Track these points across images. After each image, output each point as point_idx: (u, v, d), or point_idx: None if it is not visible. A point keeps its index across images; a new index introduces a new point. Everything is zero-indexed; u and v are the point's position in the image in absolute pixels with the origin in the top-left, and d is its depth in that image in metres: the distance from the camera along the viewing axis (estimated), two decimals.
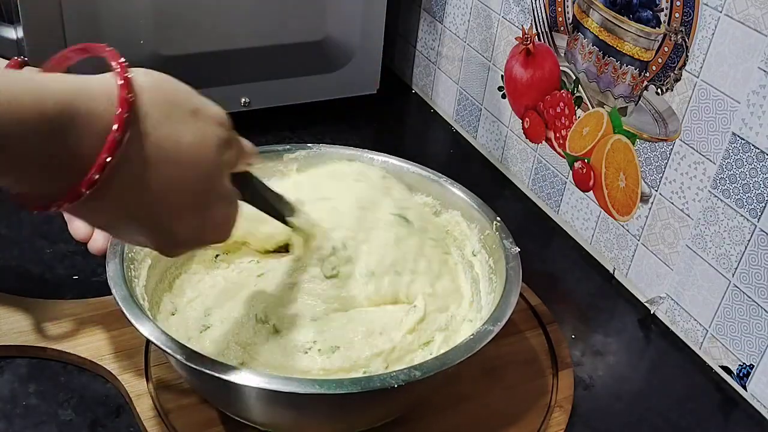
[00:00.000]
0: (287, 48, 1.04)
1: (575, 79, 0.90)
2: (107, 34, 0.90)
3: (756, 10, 0.68)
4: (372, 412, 0.62)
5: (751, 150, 0.70)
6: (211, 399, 0.65)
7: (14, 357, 0.70)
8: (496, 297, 0.66)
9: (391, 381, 0.56)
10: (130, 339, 0.70)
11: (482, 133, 1.10)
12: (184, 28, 0.96)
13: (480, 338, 0.60)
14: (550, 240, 0.96)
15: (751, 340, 0.74)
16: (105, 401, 0.68)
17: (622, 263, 0.88)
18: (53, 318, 0.72)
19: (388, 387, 0.55)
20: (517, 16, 0.97)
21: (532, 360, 0.75)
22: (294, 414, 0.60)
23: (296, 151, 0.79)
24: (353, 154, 0.80)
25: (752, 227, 0.72)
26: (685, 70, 0.76)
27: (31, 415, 0.65)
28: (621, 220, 0.87)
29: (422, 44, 1.20)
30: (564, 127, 0.93)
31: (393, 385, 0.55)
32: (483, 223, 0.74)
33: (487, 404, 0.70)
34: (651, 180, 0.82)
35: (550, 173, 0.97)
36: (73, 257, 0.82)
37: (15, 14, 0.87)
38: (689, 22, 0.74)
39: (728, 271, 0.75)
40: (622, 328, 0.84)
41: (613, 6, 0.82)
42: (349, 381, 0.56)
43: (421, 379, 0.56)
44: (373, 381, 0.56)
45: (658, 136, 0.80)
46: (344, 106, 1.12)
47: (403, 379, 0.56)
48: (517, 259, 0.68)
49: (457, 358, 0.58)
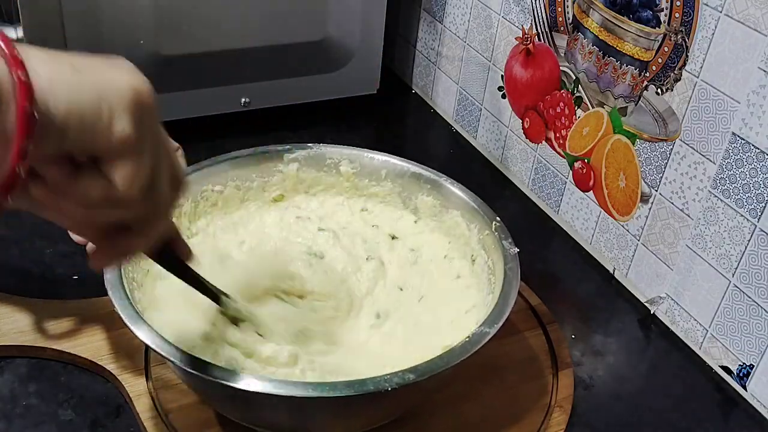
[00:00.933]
0: (287, 48, 1.04)
1: (575, 79, 0.90)
2: (107, 34, 0.91)
3: (756, 10, 0.68)
4: (367, 414, 0.62)
5: (751, 150, 0.70)
6: (208, 401, 0.65)
7: (14, 357, 0.70)
8: (494, 298, 0.66)
9: (385, 384, 0.55)
10: (129, 339, 0.69)
11: (482, 133, 1.10)
12: (184, 28, 0.96)
13: (476, 340, 0.60)
14: (550, 240, 0.96)
15: (751, 340, 0.74)
16: (105, 401, 0.68)
17: (622, 263, 0.88)
18: (53, 318, 0.72)
19: (381, 390, 0.55)
20: (517, 16, 0.97)
21: (531, 360, 0.75)
22: (290, 416, 0.60)
23: (296, 152, 0.79)
24: (353, 153, 0.80)
25: (752, 227, 0.72)
26: (685, 70, 0.76)
27: (31, 415, 0.66)
28: (621, 220, 0.87)
29: (422, 44, 1.20)
30: (564, 127, 0.93)
31: (387, 388, 0.55)
32: (482, 224, 0.73)
33: (487, 404, 0.70)
34: (651, 180, 0.82)
35: (550, 173, 0.97)
36: (73, 257, 0.82)
37: (15, 14, 0.87)
38: (689, 22, 0.74)
39: (728, 271, 0.75)
40: (622, 328, 0.84)
41: (613, 6, 0.82)
42: (343, 384, 0.55)
43: (416, 382, 0.56)
44: (367, 384, 0.56)
45: (658, 136, 0.80)
46: (344, 106, 1.12)
47: (397, 382, 0.55)
48: (515, 259, 0.68)
49: (453, 360, 0.58)
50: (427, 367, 0.57)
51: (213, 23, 0.97)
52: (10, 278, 0.79)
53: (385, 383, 0.55)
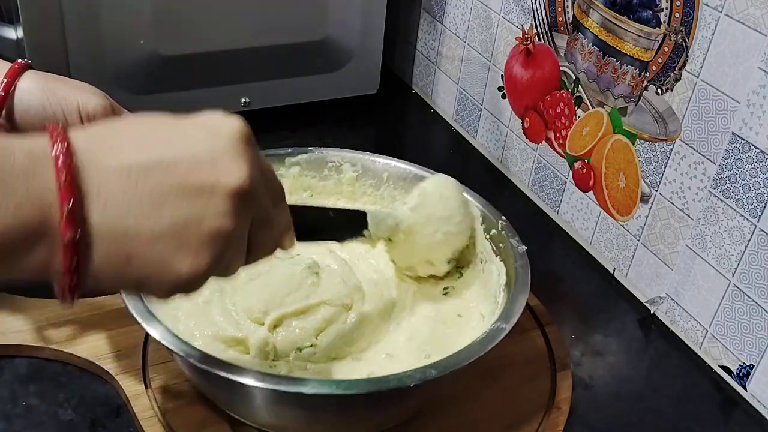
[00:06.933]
0: (287, 48, 1.04)
1: (575, 79, 0.90)
2: (107, 34, 0.90)
3: (756, 10, 0.68)
4: (385, 412, 0.62)
5: (751, 150, 0.70)
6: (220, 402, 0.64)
7: (14, 357, 0.70)
8: (505, 296, 0.66)
9: (407, 380, 0.55)
10: (128, 339, 0.70)
11: (482, 133, 1.10)
12: (184, 28, 0.96)
13: (492, 336, 0.60)
14: (550, 240, 0.96)
15: (751, 340, 0.74)
16: (105, 401, 0.67)
17: (622, 263, 0.88)
18: (53, 318, 0.72)
19: (403, 387, 0.55)
20: (517, 16, 0.97)
21: (531, 360, 0.75)
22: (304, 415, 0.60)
23: (298, 155, 0.79)
24: (355, 156, 0.80)
25: (752, 227, 0.71)
26: (685, 70, 0.76)
27: (31, 415, 0.65)
28: (621, 220, 0.87)
29: (422, 44, 1.20)
30: (564, 127, 0.93)
31: (409, 384, 0.55)
32: (488, 223, 0.74)
33: (486, 405, 0.70)
34: (651, 180, 0.82)
35: (550, 173, 0.97)
36: None
37: (15, 14, 0.87)
38: (689, 22, 0.74)
39: (728, 271, 0.75)
40: (622, 328, 0.83)
41: (613, 6, 0.82)
42: (364, 381, 0.55)
43: (437, 377, 0.56)
44: (389, 381, 0.55)
45: (658, 136, 0.80)
46: (344, 106, 1.12)
47: (420, 378, 0.55)
48: (525, 257, 0.69)
49: (471, 356, 0.58)
50: (448, 363, 0.57)
51: (213, 23, 0.97)
52: None
53: (407, 380, 0.55)
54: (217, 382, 0.57)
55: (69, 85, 0.64)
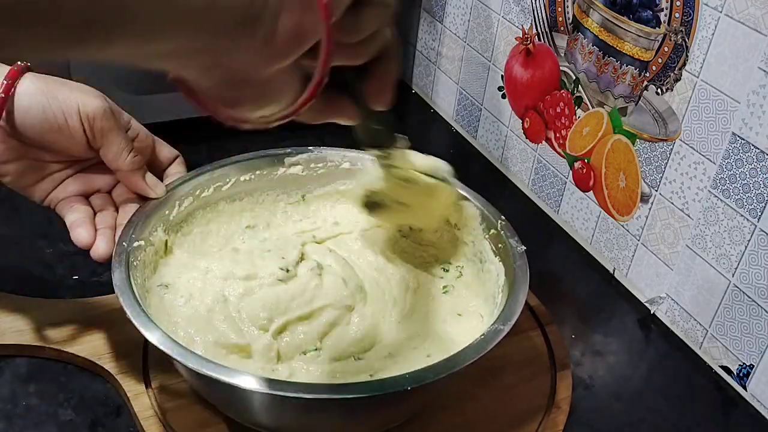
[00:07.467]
0: None
1: (575, 79, 0.90)
2: None
3: (756, 10, 0.68)
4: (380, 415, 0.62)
5: (751, 150, 0.70)
6: (220, 406, 0.64)
7: (14, 357, 0.70)
8: (504, 296, 0.66)
9: (404, 383, 0.55)
10: (128, 339, 0.70)
11: (482, 133, 1.10)
12: None
13: (490, 338, 0.60)
14: (550, 240, 0.96)
15: (751, 340, 0.74)
16: (105, 401, 0.68)
17: (622, 263, 0.88)
18: (53, 318, 0.72)
19: (400, 390, 0.55)
20: (517, 16, 0.97)
21: (530, 360, 0.75)
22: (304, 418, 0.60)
23: (297, 155, 0.79)
24: (356, 156, 0.80)
25: (752, 227, 0.71)
26: (685, 70, 0.76)
27: (31, 415, 0.66)
28: (621, 220, 0.87)
29: (422, 44, 1.20)
30: (564, 127, 0.93)
31: (405, 387, 0.55)
32: (488, 223, 0.74)
33: (486, 405, 0.70)
34: (651, 180, 0.82)
35: (550, 173, 0.97)
36: (73, 257, 0.81)
37: None
38: (689, 22, 0.74)
39: (728, 271, 0.75)
40: (622, 328, 0.84)
41: (613, 6, 0.82)
42: (362, 385, 0.55)
43: (434, 381, 0.55)
44: (385, 385, 0.55)
45: (658, 136, 0.80)
46: None
47: (416, 381, 0.55)
48: (523, 257, 0.68)
49: (469, 358, 0.58)
50: (446, 365, 0.57)
51: None
52: (9, 278, 0.79)
53: (404, 383, 0.55)
54: (215, 386, 0.57)
55: (69, 86, 0.64)
